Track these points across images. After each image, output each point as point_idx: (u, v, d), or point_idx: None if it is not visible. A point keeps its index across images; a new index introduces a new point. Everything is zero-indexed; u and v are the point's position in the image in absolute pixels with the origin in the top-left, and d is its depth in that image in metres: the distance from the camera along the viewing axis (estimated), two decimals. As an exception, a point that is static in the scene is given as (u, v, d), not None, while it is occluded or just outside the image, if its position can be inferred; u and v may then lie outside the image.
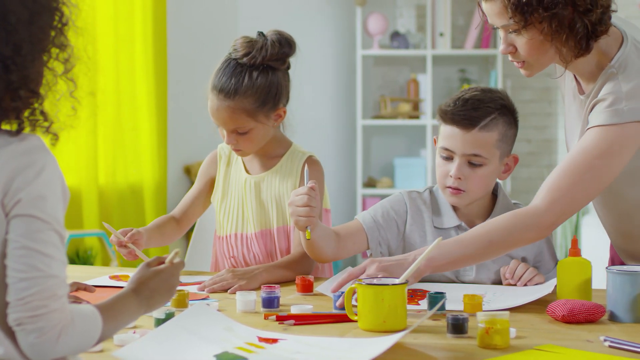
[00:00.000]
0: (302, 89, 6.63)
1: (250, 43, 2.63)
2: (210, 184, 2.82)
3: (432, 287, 2.34)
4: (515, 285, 2.37)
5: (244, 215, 2.73)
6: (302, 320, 2.00)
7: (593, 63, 2.22)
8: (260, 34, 2.66)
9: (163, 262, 1.75)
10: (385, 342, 1.71)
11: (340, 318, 2.01)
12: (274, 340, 1.82)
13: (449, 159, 2.42)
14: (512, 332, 1.86)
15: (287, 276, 2.51)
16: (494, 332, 1.77)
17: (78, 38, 1.59)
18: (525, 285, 2.35)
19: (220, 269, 2.79)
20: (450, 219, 2.49)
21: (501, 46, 2.22)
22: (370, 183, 6.66)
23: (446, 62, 6.72)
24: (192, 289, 2.44)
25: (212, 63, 2.69)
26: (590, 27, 2.12)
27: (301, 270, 2.54)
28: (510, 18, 2.12)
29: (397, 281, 1.95)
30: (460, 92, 2.45)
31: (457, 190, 2.42)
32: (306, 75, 6.72)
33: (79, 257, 5.00)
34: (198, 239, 3.12)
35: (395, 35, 6.59)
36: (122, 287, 2.41)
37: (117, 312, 1.61)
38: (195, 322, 1.82)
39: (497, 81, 6.46)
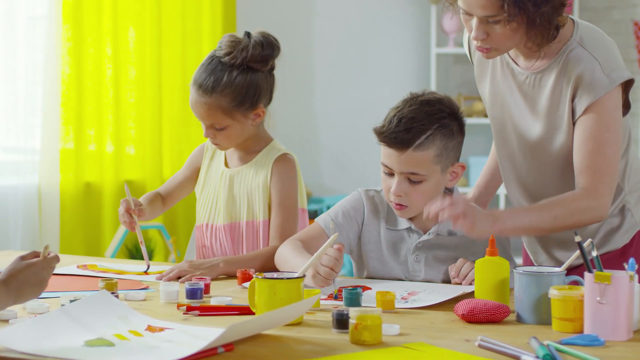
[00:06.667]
0: (381, 89, 6.62)
1: (233, 42, 2.68)
2: (195, 173, 2.89)
3: (376, 285, 2.35)
4: (460, 284, 2.36)
5: (216, 206, 2.79)
6: (206, 311, 2.06)
7: None
8: (247, 34, 2.71)
9: (38, 256, 1.83)
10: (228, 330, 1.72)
11: (244, 311, 2.06)
12: (161, 329, 1.88)
13: (390, 174, 2.42)
14: (395, 328, 1.87)
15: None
16: (363, 328, 1.78)
17: None
18: (471, 284, 2.34)
19: (198, 258, 2.86)
20: (402, 221, 2.49)
21: (474, 32, 2.29)
22: (445, 182, 6.60)
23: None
24: (152, 278, 2.53)
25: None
26: (559, 17, 2.27)
27: (267, 266, 2.55)
28: (503, 11, 2.20)
29: (293, 275, 1.98)
30: (399, 106, 2.41)
31: (399, 206, 2.42)
32: (383, 74, 6.75)
33: (137, 250, 5.15)
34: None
35: (472, 33, 6.53)
36: (88, 276, 2.55)
37: None
38: (85, 309, 1.89)
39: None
